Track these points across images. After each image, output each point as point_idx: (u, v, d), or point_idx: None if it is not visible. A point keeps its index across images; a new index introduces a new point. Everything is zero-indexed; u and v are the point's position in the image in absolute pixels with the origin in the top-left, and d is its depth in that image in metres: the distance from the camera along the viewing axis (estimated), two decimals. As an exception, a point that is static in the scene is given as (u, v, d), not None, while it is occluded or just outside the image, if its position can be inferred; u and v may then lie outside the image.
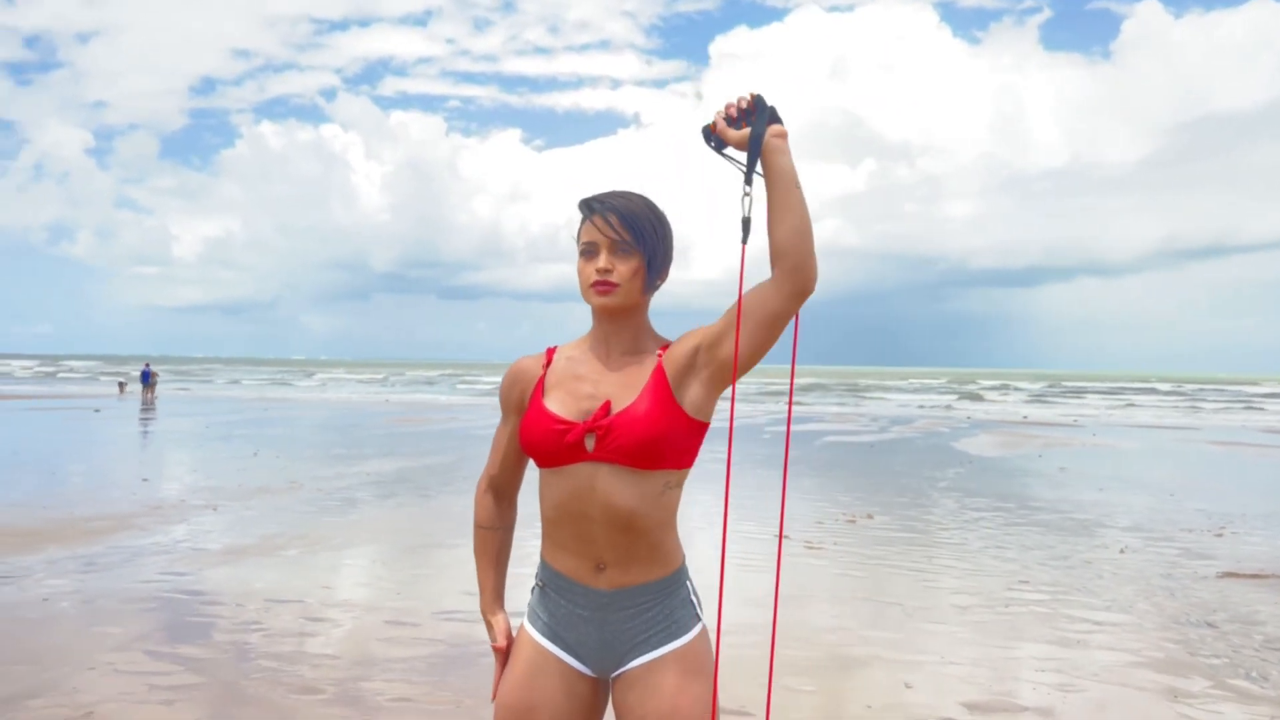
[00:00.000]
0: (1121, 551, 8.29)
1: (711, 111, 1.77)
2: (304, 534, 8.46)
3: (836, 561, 7.68)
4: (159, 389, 39.08)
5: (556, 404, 1.88)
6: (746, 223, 1.69)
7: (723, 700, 4.31)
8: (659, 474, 1.82)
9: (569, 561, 1.88)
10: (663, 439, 1.79)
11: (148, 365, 38.14)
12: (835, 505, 10.82)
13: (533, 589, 1.98)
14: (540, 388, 1.92)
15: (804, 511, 10.26)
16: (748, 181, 1.70)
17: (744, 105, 1.72)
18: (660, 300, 1.95)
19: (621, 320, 1.89)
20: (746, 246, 1.68)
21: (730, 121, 1.73)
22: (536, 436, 1.86)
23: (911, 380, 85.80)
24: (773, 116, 1.72)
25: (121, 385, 42.50)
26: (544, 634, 1.91)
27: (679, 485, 1.88)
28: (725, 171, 1.77)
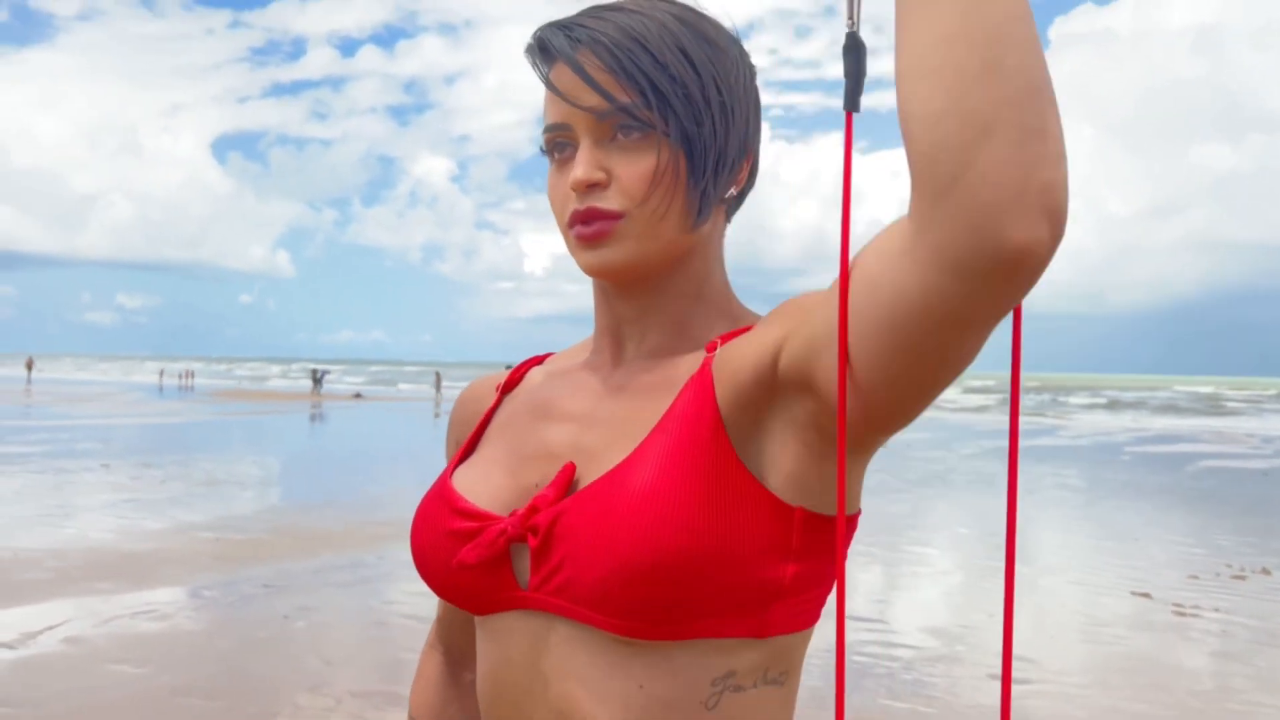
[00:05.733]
0: None
1: None
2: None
3: (1217, 635, 5.79)
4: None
5: (483, 469, 0.85)
6: (850, 49, 0.63)
7: None
8: (690, 649, 0.72)
9: None
10: (688, 562, 0.69)
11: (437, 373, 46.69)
12: (1215, 553, 8.54)
13: None
14: (477, 434, 0.91)
15: (1171, 560, 8.17)
16: None
17: None
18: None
19: (646, 291, 0.82)
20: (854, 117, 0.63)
21: None
22: (419, 541, 0.85)
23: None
24: None
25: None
26: None
27: (773, 679, 0.75)
28: None
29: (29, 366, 50.89)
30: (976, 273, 0.53)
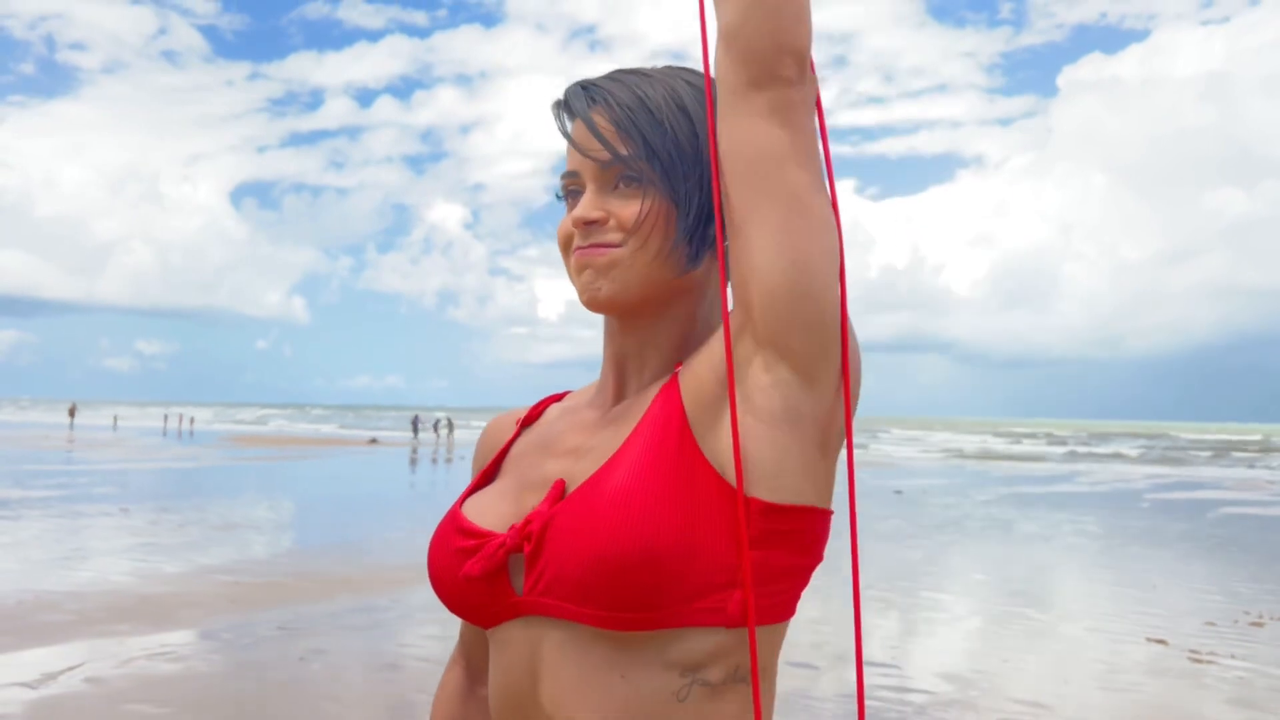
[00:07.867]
0: None
1: None
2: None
3: (1233, 682, 5.74)
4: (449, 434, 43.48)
5: (491, 498, 0.94)
6: None
7: None
8: (665, 643, 0.80)
9: None
10: (657, 552, 0.77)
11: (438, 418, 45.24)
12: (1234, 600, 8.48)
13: None
14: (495, 464, 1.01)
15: (1189, 607, 8.10)
16: None
17: None
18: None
19: (645, 327, 0.92)
20: None
21: None
22: (433, 561, 0.94)
23: (1339, 440, 71.97)
24: None
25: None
26: None
27: (742, 677, 0.82)
28: None
29: (72, 413, 51.07)
30: (763, 69, 0.78)
